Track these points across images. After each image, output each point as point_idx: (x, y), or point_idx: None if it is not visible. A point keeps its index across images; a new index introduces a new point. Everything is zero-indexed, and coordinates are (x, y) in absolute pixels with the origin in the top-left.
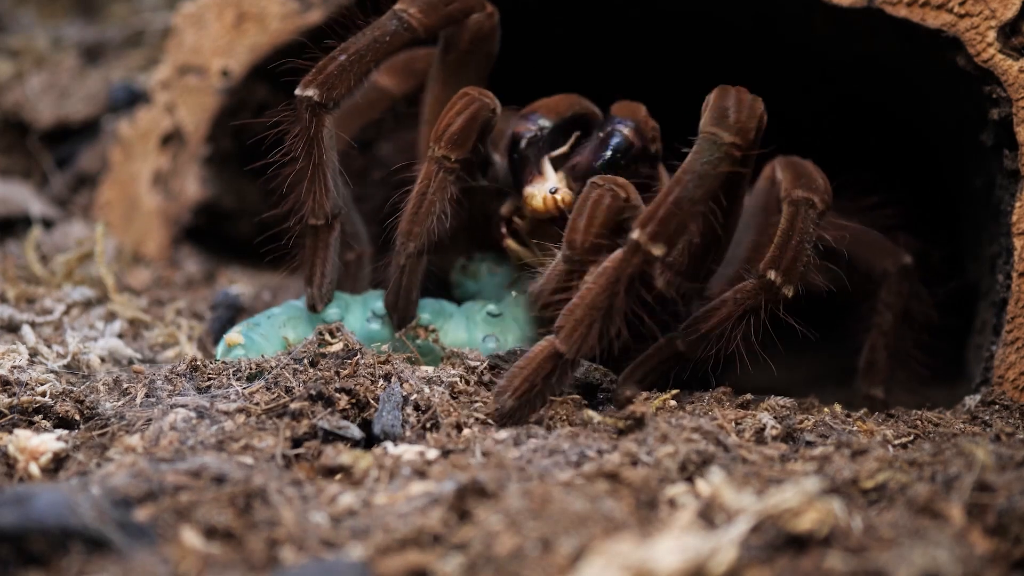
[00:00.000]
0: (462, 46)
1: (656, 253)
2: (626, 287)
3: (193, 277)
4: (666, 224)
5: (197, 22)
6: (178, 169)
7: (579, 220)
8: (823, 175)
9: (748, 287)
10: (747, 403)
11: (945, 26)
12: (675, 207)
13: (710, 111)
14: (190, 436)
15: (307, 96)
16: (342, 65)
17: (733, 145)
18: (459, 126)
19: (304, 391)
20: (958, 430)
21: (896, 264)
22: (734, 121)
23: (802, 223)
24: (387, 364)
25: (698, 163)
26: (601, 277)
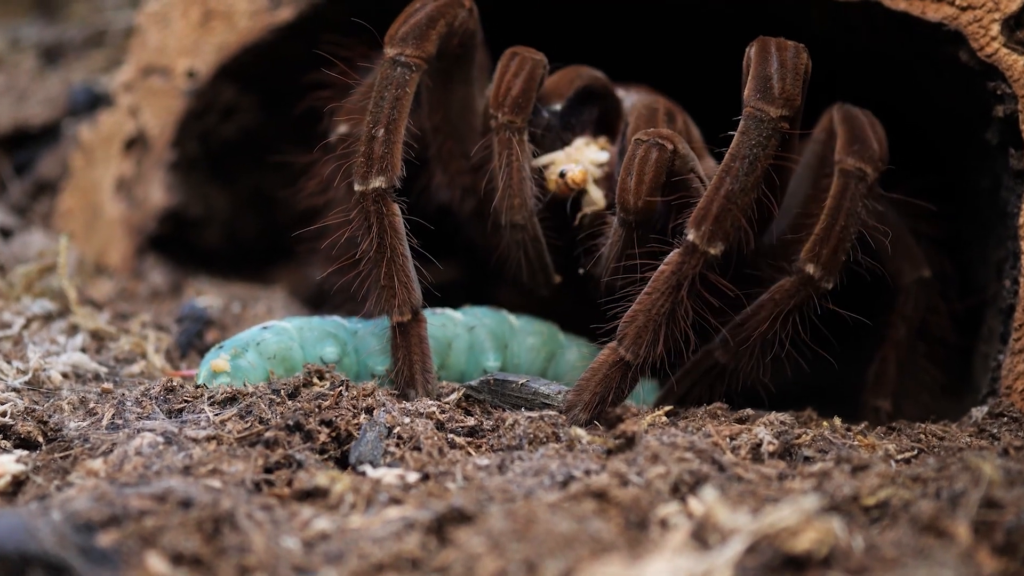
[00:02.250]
0: (452, 51)
1: (714, 252)
2: (688, 290)
3: (158, 289)
4: (721, 222)
5: (161, 21)
6: (142, 175)
7: (628, 180)
8: (881, 133)
9: (787, 286)
10: (743, 418)
11: (946, 19)
12: (728, 201)
13: (753, 81)
14: (156, 462)
15: (375, 187)
16: (387, 140)
17: (781, 119)
18: (519, 88)
19: (281, 421)
20: (964, 444)
21: (915, 275)
22: (780, 92)
23: (850, 202)
24: (371, 397)
25: (746, 146)
26: (660, 282)
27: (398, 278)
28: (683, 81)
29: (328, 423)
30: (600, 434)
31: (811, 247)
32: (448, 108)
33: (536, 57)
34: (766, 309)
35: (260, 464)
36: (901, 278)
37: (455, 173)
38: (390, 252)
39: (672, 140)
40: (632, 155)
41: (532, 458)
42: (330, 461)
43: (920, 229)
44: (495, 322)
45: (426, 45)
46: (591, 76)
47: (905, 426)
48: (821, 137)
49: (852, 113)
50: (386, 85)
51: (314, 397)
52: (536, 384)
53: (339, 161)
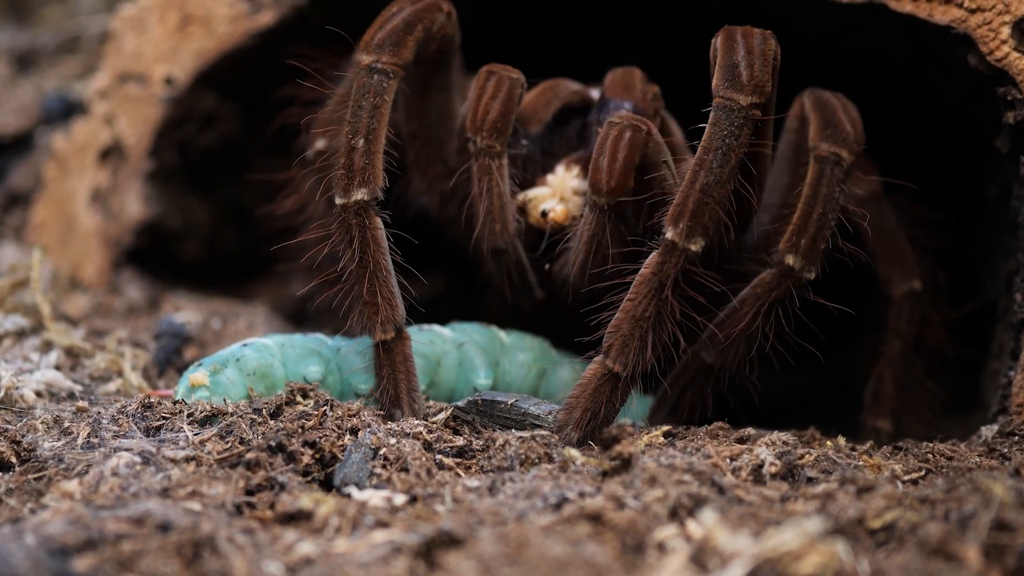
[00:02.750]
0: (430, 56)
1: (695, 249)
2: (672, 290)
3: (135, 304)
4: (699, 216)
5: (138, 26)
6: (118, 186)
7: (601, 159)
8: (855, 115)
9: (767, 279)
10: (744, 438)
11: (955, 22)
12: (704, 195)
13: (720, 70)
14: (133, 483)
15: (357, 200)
16: (367, 151)
17: (752, 106)
18: (497, 112)
19: (263, 442)
20: (973, 464)
21: (906, 286)
22: (748, 79)
23: (827, 188)
24: (356, 417)
25: (718, 137)
26: (641, 285)
27: (381, 294)
28: (676, 82)
29: (312, 444)
30: (595, 455)
31: (789, 237)
32: (426, 114)
33: (513, 76)
34: (748, 304)
35: (241, 486)
36: (892, 288)
37: (434, 179)
38: (372, 266)
39: (645, 123)
40: (605, 135)
41: (524, 480)
42: (314, 483)
43: (919, 238)
44: (485, 338)
45: (403, 51)
46: (568, 93)
47: (912, 446)
48: (794, 125)
49: (823, 97)
50: (363, 94)
51: (297, 417)
52: (526, 404)
53: (317, 175)
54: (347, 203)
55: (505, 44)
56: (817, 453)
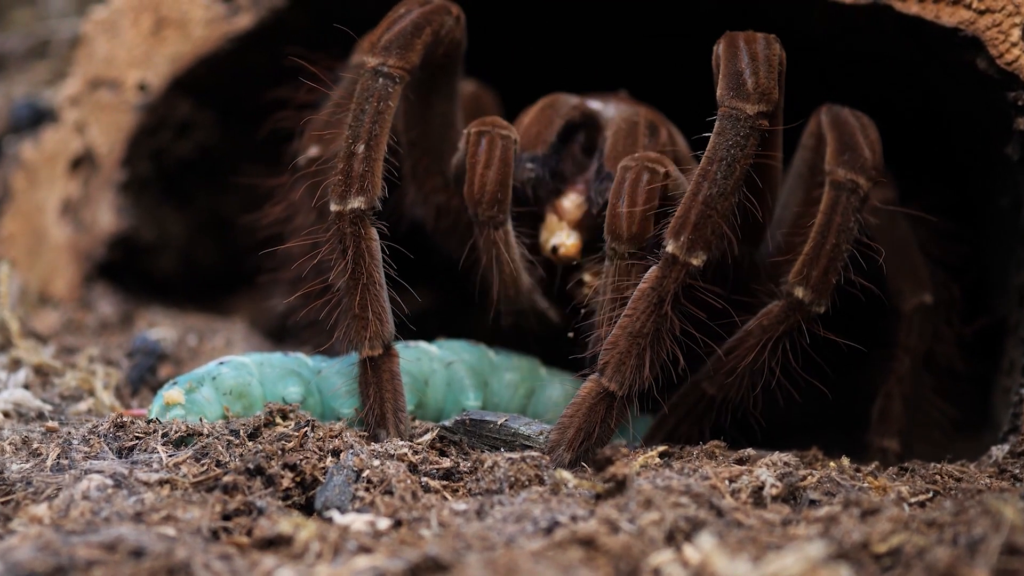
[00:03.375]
0: (437, 61)
1: (696, 263)
2: (672, 306)
3: (108, 320)
4: (701, 229)
5: (110, 30)
6: (90, 197)
7: (619, 206)
8: (874, 138)
9: (775, 312)
10: (743, 459)
11: (963, 24)
12: (707, 207)
13: (724, 79)
14: (105, 507)
15: (354, 208)
16: (367, 158)
17: (759, 115)
18: (495, 181)
19: (240, 464)
20: (983, 485)
21: (916, 300)
22: (754, 87)
23: (841, 217)
24: (338, 438)
25: (723, 147)
26: (640, 300)
27: (372, 308)
28: (674, 88)
29: (292, 466)
30: (588, 477)
31: (800, 268)
32: (427, 123)
33: (504, 134)
34: (753, 337)
35: (218, 510)
36: (901, 302)
37: (430, 191)
38: (365, 279)
39: (662, 163)
40: (622, 179)
41: (513, 503)
42: (294, 508)
43: (931, 249)
44: (474, 357)
45: (411, 55)
46: (569, 109)
47: (919, 467)
48: (810, 143)
49: (841, 116)
50: (367, 97)
51: (276, 438)
52: (516, 423)
53: (309, 183)
54: (343, 211)
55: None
56: (820, 474)
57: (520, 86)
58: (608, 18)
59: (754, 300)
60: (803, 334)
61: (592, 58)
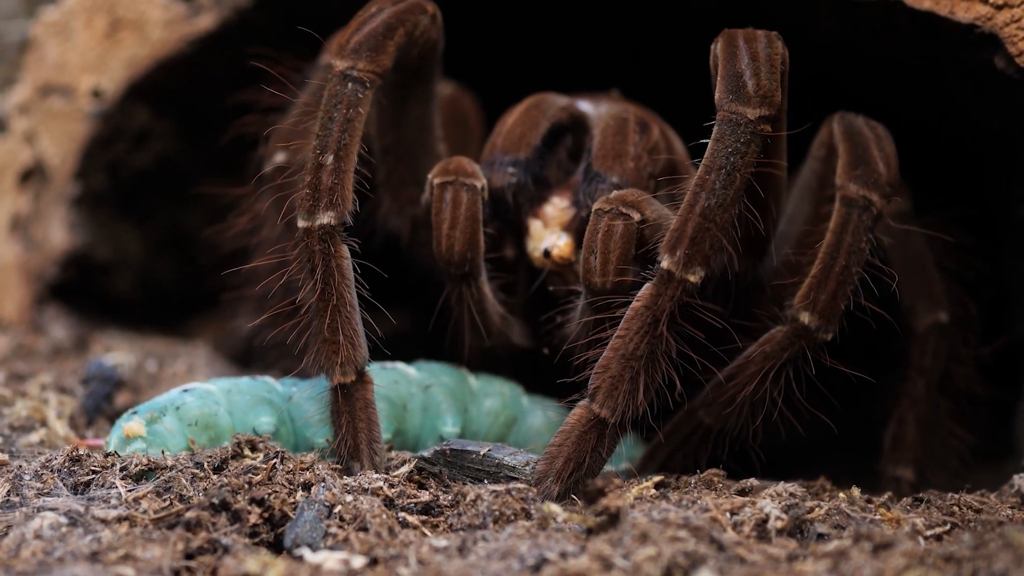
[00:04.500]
0: (411, 63)
1: (693, 280)
2: (667, 326)
3: (61, 344)
4: (699, 243)
5: (62, 32)
6: (41, 212)
7: (591, 259)
8: (889, 151)
9: (778, 338)
10: (746, 489)
11: (979, 20)
12: (705, 219)
13: (722, 80)
14: (58, 547)
15: (322, 224)
16: (336, 170)
17: (761, 120)
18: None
19: (205, 499)
20: (1004, 517)
21: (931, 319)
22: (755, 89)
23: (852, 237)
24: (309, 471)
25: (722, 155)
26: (634, 320)
27: (343, 331)
28: (673, 92)
29: (259, 501)
30: (578, 510)
31: (806, 292)
32: (402, 129)
33: (470, 183)
34: (755, 364)
35: (180, 549)
36: (915, 320)
37: (406, 202)
38: (335, 300)
39: (638, 207)
40: (594, 229)
41: (498, 539)
42: (262, 545)
43: (946, 264)
44: (454, 381)
45: (382, 58)
46: (556, 110)
47: (935, 497)
48: (820, 153)
49: (855, 127)
50: (335, 104)
51: (243, 471)
52: (500, 453)
53: (276, 194)
54: (311, 227)
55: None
56: (828, 506)
57: (507, 88)
58: (603, 17)
59: (756, 324)
60: (808, 362)
61: (585, 60)
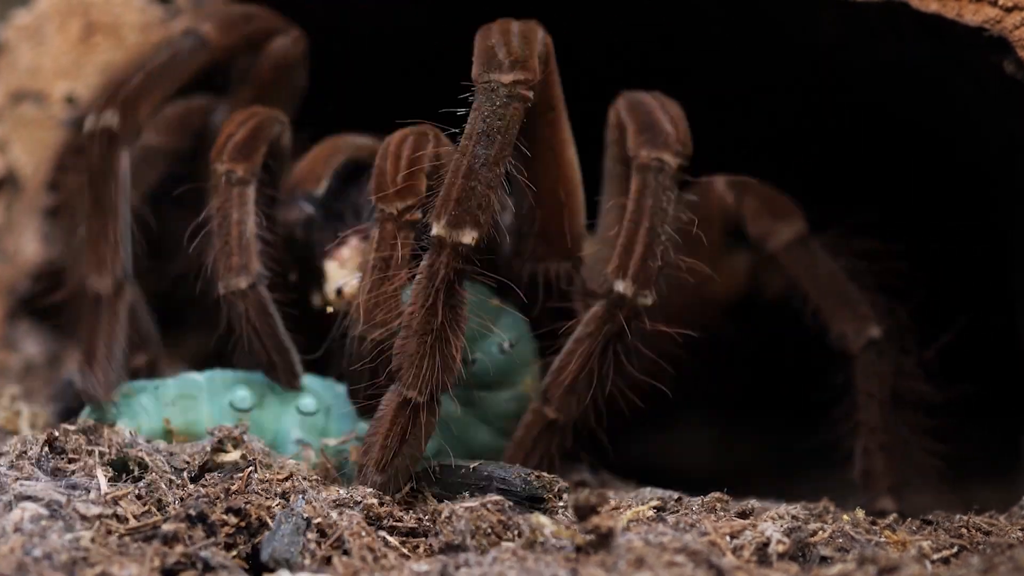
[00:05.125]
0: (264, 76)
1: (467, 241)
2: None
3: (32, 361)
4: (465, 203)
5: (34, 36)
6: (13, 223)
7: (383, 164)
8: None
9: (598, 313)
10: (746, 512)
11: (988, 23)
12: (467, 180)
13: (476, 59)
14: (38, 544)
15: (103, 126)
16: (139, 88)
17: (517, 83)
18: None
19: (182, 509)
20: (1015, 539)
21: (863, 338)
22: (506, 56)
23: (652, 199)
24: (288, 481)
25: (479, 120)
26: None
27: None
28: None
29: (236, 511)
30: (567, 525)
31: (616, 261)
32: None
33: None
34: (582, 345)
35: (157, 565)
36: (848, 343)
37: None
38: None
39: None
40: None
41: (482, 562)
42: (239, 558)
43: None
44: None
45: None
46: (352, 148)
47: (942, 519)
48: (614, 136)
49: (637, 99)
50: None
51: (220, 480)
52: (490, 468)
53: None
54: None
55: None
56: (832, 528)
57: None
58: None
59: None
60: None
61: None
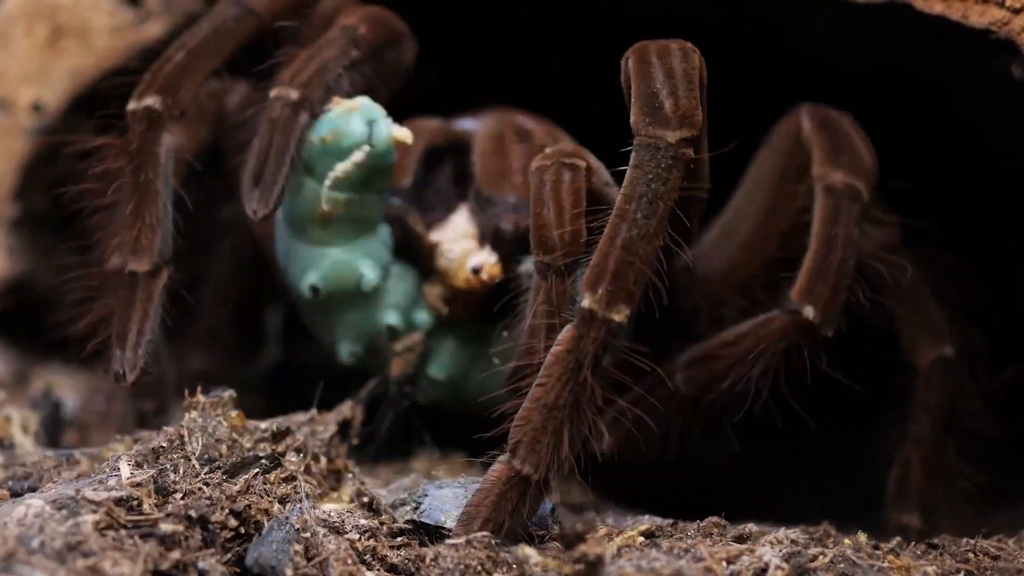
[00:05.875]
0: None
1: (618, 319)
2: (592, 369)
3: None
4: (622, 279)
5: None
6: None
7: (544, 212)
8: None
9: (776, 324)
10: (744, 536)
11: (994, 25)
12: (627, 253)
13: (637, 102)
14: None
15: (145, 106)
16: (181, 65)
17: (682, 141)
18: None
19: (182, 508)
20: (1023, 564)
21: (935, 354)
22: (673, 109)
23: (845, 228)
24: (291, 484)
25: (642, 182)
26: (555, 366)
27: (145, 215)
28: None
29: (236, 513)
30: (554, 556)
31: (806, 285)
32: None
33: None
34: (745, 341)
35: (149, 568)
36: (918, 356)
37: None
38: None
39: (580, 154)
40: (541, 182)
41: None
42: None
43: (949, 294)
44: None
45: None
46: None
47: (948, 543)
48: (783, 145)
49: (830, 116)
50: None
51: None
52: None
53: None
54: (136, 108)
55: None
56: (833, 553)
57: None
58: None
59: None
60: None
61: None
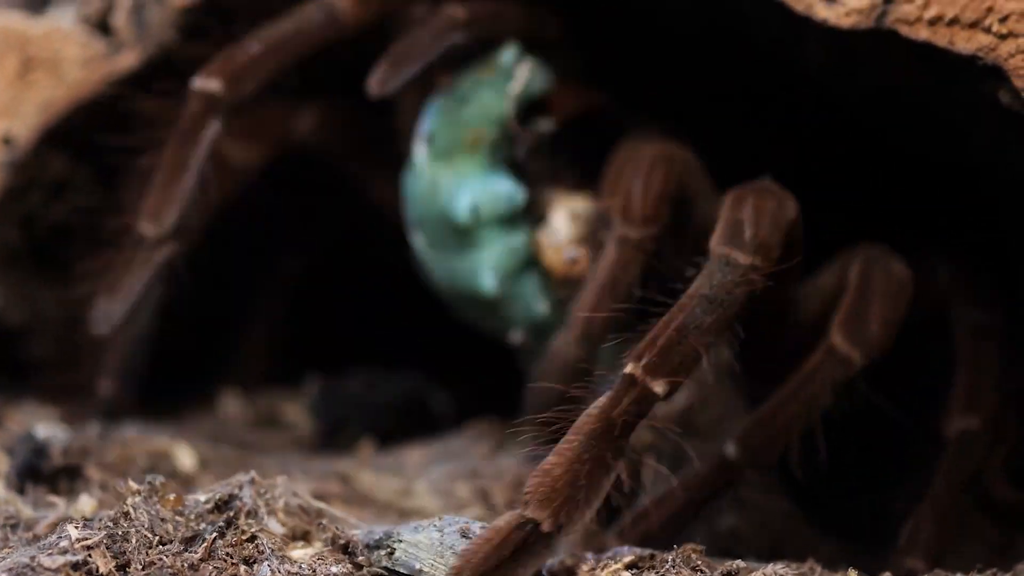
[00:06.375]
0: None
1: (658, 391)
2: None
3: None
4: (668, 355)
5: None
6: None
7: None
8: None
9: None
10: (731, 572)
11: (981, 51)
12: (678, 334)
13: (722, 225)
14: None
15: (207, 89)
16: (254, 57)
17: (752, 268)
18: None
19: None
20: None
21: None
22: (751, 236)
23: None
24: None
25: (708, 286)
26: (586, 424)
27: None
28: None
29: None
30: None
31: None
32: None
33: None
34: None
35: None
36: (946, 423)
37: None
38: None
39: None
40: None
41: None
42: None
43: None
44: None
45: None
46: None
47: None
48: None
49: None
50: None
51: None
52: None
53: None
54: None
55: None
56: None
57: None
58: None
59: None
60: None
61: None
